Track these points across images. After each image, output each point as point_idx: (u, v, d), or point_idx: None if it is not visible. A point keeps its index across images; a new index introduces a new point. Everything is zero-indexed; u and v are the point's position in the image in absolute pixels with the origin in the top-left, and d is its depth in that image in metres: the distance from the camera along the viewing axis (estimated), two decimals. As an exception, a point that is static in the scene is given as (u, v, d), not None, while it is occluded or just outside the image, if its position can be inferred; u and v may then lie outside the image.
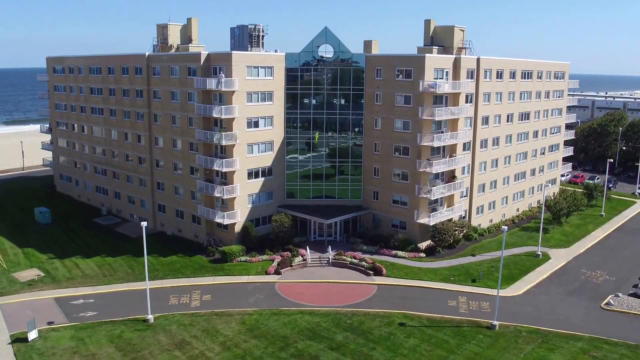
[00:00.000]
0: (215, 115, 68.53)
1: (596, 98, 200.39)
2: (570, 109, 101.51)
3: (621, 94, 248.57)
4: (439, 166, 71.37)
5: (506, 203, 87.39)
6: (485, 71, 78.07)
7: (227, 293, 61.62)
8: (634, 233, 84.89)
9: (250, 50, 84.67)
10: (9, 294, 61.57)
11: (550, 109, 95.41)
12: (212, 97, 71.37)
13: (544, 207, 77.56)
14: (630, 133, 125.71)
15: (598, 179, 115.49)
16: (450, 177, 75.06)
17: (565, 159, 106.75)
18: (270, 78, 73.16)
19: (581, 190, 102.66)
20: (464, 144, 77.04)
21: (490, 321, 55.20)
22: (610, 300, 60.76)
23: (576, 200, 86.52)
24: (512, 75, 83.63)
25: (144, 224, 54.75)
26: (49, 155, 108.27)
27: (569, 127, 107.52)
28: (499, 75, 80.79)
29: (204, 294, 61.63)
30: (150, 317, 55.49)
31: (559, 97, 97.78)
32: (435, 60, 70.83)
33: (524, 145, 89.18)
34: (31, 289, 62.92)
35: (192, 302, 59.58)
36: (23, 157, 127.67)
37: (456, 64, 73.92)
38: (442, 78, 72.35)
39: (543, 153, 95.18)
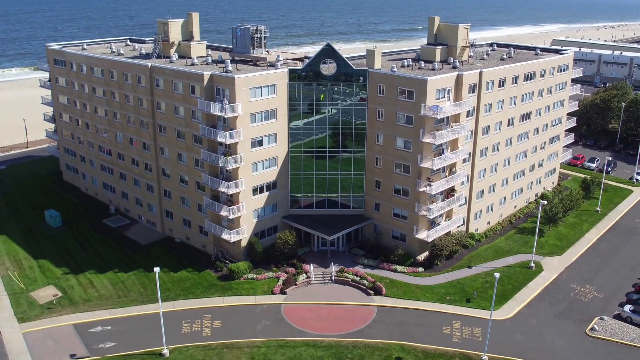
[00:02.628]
0: (220, 140, 69.79)
1: (603, 51, 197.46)
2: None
3: (629, 45, 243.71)
4: (439, 185, 73.21)
5: (504, 203, 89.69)
6: (487, 83, 78.18)
7: (236, 318, 65.42)
8: (627, 234, 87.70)
9: (253, 52, 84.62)
10: (30, 320, 65.43)
11: (553, 103, 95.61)
12: (216, 118, 72.25)
13: (539, 220, 79.78)
14: (632, 109, 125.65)
15: (597, 160, 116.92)
16: (449, 191, 77.01)
17: (566, 146, 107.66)
18: (274, 96, 73.65)
19: (582, 176, 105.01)
20: (464, 158, 78.40)
21: (481, 354, 59.20)
22: (595, 326, 64.47)
23: (572, 202, 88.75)
24: (515, 80, 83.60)
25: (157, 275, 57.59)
26: (52, 137, 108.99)
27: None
28: (501, 83, 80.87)
29: (214, 319, 65.44)
30: (165, 351, 59.53)
31: (561, 89, 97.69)
32: (437, 82, 71.00)
33: (524, 144, 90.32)
34: (50, 313, 66.71)
35: (204, 330, 63.50)
36: (26, 133, 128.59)
37: (458, 81, 74.09)
38: (444, 97, 72.81)
39: (543, 147, 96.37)
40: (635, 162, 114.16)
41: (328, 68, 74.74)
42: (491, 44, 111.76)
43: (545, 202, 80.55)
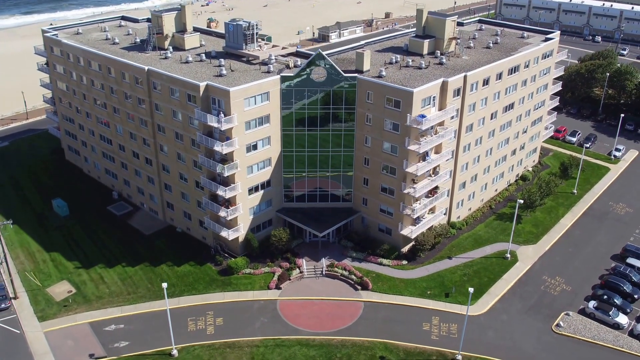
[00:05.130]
0: (216, 149, 73.89)
1: (593, 3, 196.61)
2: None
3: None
4: (423, 186, 78.24)
5: (485, 189, 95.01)
6: (472, 84, 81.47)
7: (236, 315, 72.22)
8: (600, 219, 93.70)
9: (245, 49, 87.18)
10: (49, 318, 72.07)
11: (536, 88, 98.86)
12: (212, 127, 75.85)
13: (516, 212, 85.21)
14: (615, 80, 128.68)
15: (579, 134, 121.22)
16: (433, 188, 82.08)
17: (551, 109, 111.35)
18: (267, 102, 77.09)
19: (563, 151, 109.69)
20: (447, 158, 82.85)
21: (456, 352, 66.59)
22: (561, 322, 71.65)
23: (549, 189, 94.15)
24: (499, 76, 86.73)
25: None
26: (52, 118, 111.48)
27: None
28: (486, 82, 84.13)
29: (216, 316, 72.25)
30: (174, 351, 66.60)
31: (545, 74, 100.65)
32: (423, 92, 74.37)
33: (506, 132, 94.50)
34: (67, 311, 73.25)
35: (208, 328, 70.43)
36: (26, 105, 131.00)
37: (443, 87, 77.44)
38: (429, 104, 76.47)
39: (525, 131, 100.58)
40: (616, 133, 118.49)
41: (318, 74, 77.75)
42: (480, 21, 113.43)
43: (522, 201, 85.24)
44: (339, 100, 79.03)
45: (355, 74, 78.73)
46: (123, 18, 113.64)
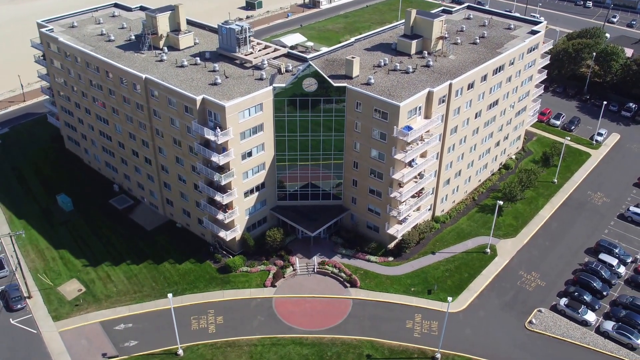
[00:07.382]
0: (213, 159, 77.97)
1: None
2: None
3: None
4: (409, 190, 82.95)
5: (469, 181, 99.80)
6: (457, 91, 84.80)
7: (235, 313, 78.37)
8: (577, 209, 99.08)
9: (238, 52, 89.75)
10: (62, 318, 78.06)
11: (521, 82, 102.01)
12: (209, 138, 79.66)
13: (497, 210, 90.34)
14: (601, 60, 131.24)
15: (563, 116, 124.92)
16: (418, 190, 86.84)
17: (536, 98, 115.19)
18: (261, 113, 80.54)
19: (547, 135, 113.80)
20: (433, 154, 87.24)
21: (436, 350, 73.27)
22: (533, 319, 78.11)
23: (530, 181, 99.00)
24: (484, 78, 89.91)
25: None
26: (50, 107, 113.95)
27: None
28: (470, 86, 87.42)
29: (217, 314, 78.42)
30: (180, 351, 73.00)
31: (530, 66, 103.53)
32: (409, 104, 77.89)
33: (490, 127, 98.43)
34: (79, 310, 79.18)
35: (209, 327, 76.71)
36: (22, 88, 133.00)
37: (429, 97, 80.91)
38: (416, 114, 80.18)
39: (509, 122, 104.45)
40: (599, 115, 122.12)
41: (310, 85, 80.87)
42: (469, 7, 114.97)
43: (502, 202, 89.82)
44: (329, 108, 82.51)
45: (345, 84, 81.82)
46: (116, 5, 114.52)
